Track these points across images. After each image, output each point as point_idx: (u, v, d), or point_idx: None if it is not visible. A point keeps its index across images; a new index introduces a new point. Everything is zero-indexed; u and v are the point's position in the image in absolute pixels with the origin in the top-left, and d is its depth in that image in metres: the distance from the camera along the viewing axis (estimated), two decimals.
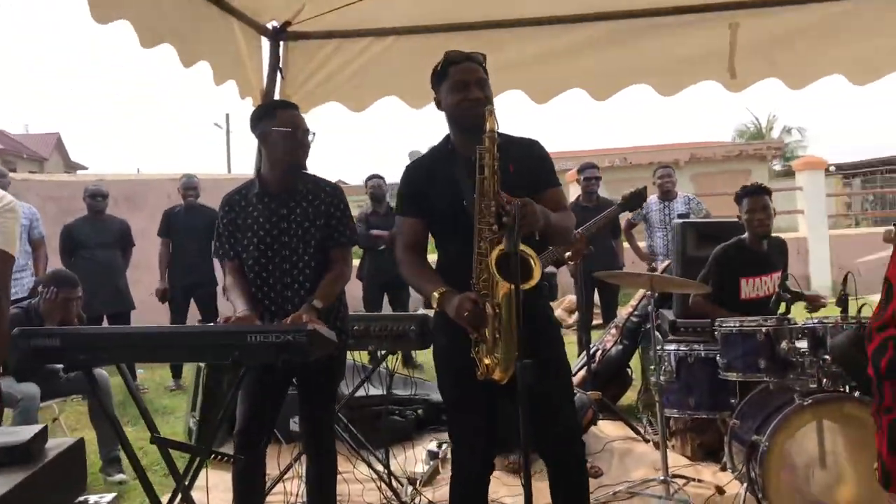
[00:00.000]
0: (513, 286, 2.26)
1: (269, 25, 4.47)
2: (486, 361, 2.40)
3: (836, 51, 4.08)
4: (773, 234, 4.18)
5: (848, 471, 3.02)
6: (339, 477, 3.04)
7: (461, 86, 2.51)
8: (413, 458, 4.19)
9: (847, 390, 3.18)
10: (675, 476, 3.63)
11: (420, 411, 4.86)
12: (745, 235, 4.11)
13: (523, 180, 2.54)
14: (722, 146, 22.45)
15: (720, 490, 3.62)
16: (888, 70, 4.07)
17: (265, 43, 4.50)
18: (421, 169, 2.67)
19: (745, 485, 3.17)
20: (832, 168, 18.06)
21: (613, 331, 5.20)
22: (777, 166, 24.32)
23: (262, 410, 2.86)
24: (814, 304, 3.89)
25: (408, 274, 2.64)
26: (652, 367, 3.70)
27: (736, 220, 4.29)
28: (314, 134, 2.92)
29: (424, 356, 5.82)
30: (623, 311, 5.37)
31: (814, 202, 11.00)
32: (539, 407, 2.39)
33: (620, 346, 5.06)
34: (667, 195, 6.27)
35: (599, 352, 5.06)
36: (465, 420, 2.57)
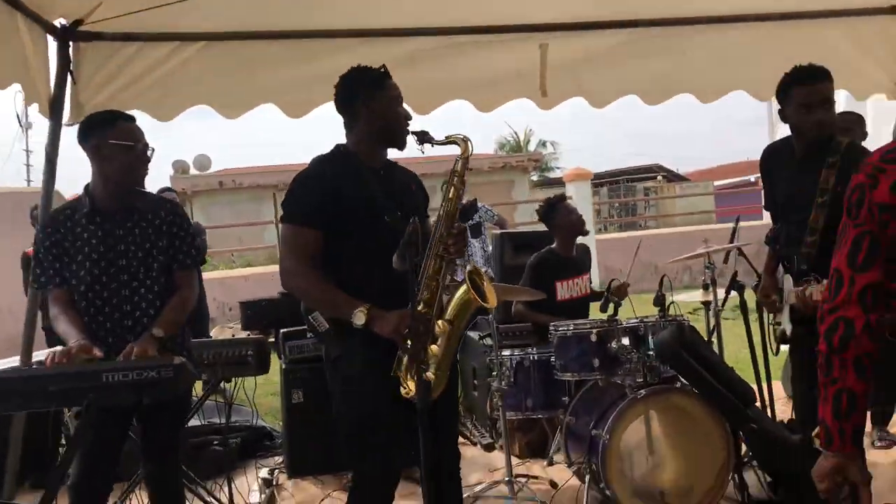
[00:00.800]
0: (477, 302, 2.35)
1: (57, 23, 4.01)
2: (411, 382, 2.35)
3: (634, 73, 4.49)
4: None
5: (672, 456, 3.33)
6: None
7: (399, 102, 2.58)
8: (245, 488, 3.96)
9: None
10: (516, 476, 3.77)
11: (240, 439, 4.62)
12: (555, 244, 4.42)
13: (418, 200, 2.65)
14: (488, 158, 23.74)
15: (553, 484, 3.83)
16: (676, 92, 4.57)
17: (53, 42, 4.03)
18: (326, 177, 2.53)
19: (587, 477, 3.37)
20: None
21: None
22: (534, 177, 26.29)
23: (101, 458, 2.54)
24: (621, 291, 4.23)
25: (313, 289, 2.48)
26: (494, 372, 3.82)
27: (544, 230, 4.60)
28: (153, 149, 2.68)
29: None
30: None
31: (583, 210, 11.97)
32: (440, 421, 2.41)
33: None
34: None
35: None
36: (382, 441, 2.47)
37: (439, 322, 2.34)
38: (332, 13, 4.11)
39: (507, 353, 3.84)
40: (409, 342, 2.29)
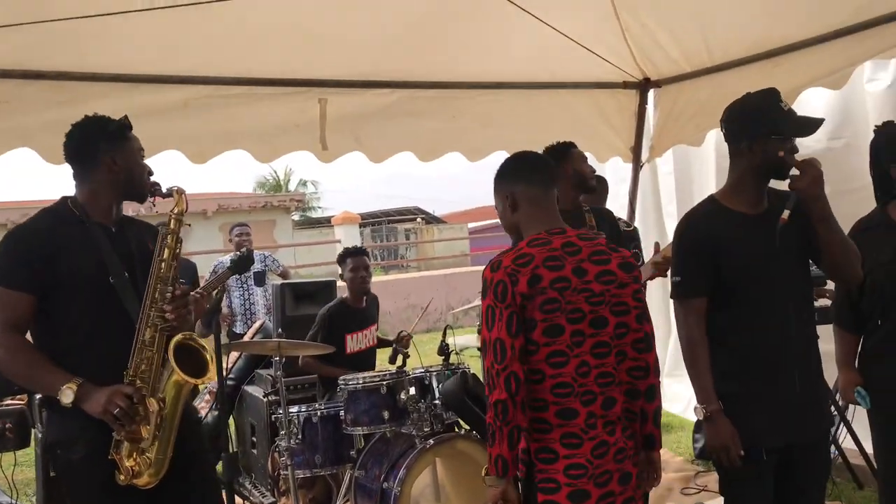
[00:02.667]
0: (189, 382, 2.21)
1: None
2: (129, 464, 2.21)
3: (409, 130, 4.72)
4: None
5: (456, 500, 3.50)
6: None
7: (142, 155, 2.48)
8: None
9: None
10: None
11: None
12: (347, 295, 4.48)
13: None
14: (248, 197, 23.23)
15: None
16: (447, 150, 4.87)
17: None
18: (41, 234, 2.31)
19: None
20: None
21: (207, 396, 5.07)
22: (296, 216, 26.13)
23: None
24: (404, 342, 4.38)
25: (19, 361, 2.24)
26: (282, 431, 3.75)
27: (325, 280, 4.65)
28: None
29: None
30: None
31: None
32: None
33: (216, 412, 4.96)
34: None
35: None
36: None
37: (150, 400, 2.21)
38: (104, 56, 3.86)
39: (294, 409, 3.80)
40: (122, 422, 2.14)
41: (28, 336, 2.30)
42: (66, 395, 2.13)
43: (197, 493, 2.38)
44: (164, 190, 2.42)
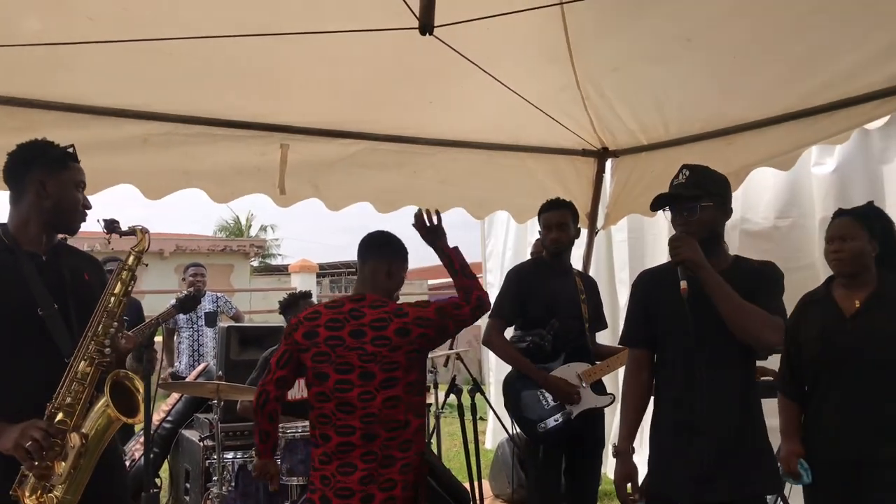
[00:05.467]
0: (121, 419, 2.14)
1: None
2: (32, 501, 2.10)
3: (368, 182, 4.74)
4: None
5: None
6: None
7: (81, 187, 2.39)
8: None
9: None
10: None
11: None
12: None
13: (92, 288, 2.41)
14: (208, 239, 23.01)
15: None
16: (405, 203, 4.89)
17: None
18: None
19: None
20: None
21: (142, 438, 4.90)
22: (255, 262, 25.89)
23: None
24: None
25: None
26: (214, 477, 3.64)
27: (273, 325, 4.59)
28: None
29: None
30: (155, 417, 5.12)
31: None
32: None
33: (151, 456, 4.79)
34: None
35: (128, 462, 4.71)
36: None
37: (72, 435, 2.12)
38: (63, 85, 3.83)
39: (229, 455, 3.70)
40: (34, 456, 2.05)
41: None
42: None
43: None
44: (124, 228, 2.34)
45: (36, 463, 2.05)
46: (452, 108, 4.54)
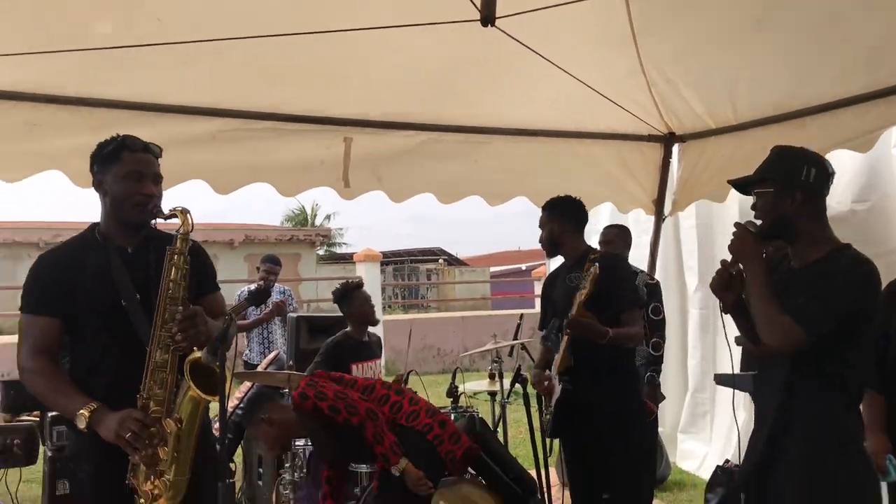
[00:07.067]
0: (203, 399, 2.18)
1: None
2: (147, 487, 2.21)
3: (431, 173, 4.77)
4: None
5: None
6: None
7: (136, 176, 2.37)
8: None
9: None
10: None
11: None
12: (350, 328, 4.49)
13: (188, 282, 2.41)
14: (276, 230, 23.48)
15: None
16: (467, 194, 4.91)
17: None
18: (61, 261, 2.39)
19: None
20: None
21: (216, 425, 5.06)
22: (321, 252, 26.32)
23: None
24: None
25: (42, 386, 2.29)
26: (287, 464, 3.74)
27: (340, 315, 4.67)
28: None
29: None
30: (229, 404, 5.28)
31: (372, 291, 12.18)
32: None
33: (226, 441, 4.94)
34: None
35: None
36: None
37: (167, 421, 2.19)
38: (135, 85, 3.97)
39: (300, 443, 3.79)
40: (136, 446, 2.14)
41: None
42: (80, 421, 2.16)
43: None
44: (165, 211, 2.35)
45: (141, 452, 2.14)
46: (515, 97, 4.52)
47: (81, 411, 2.16)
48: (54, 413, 3.87)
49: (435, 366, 11.40)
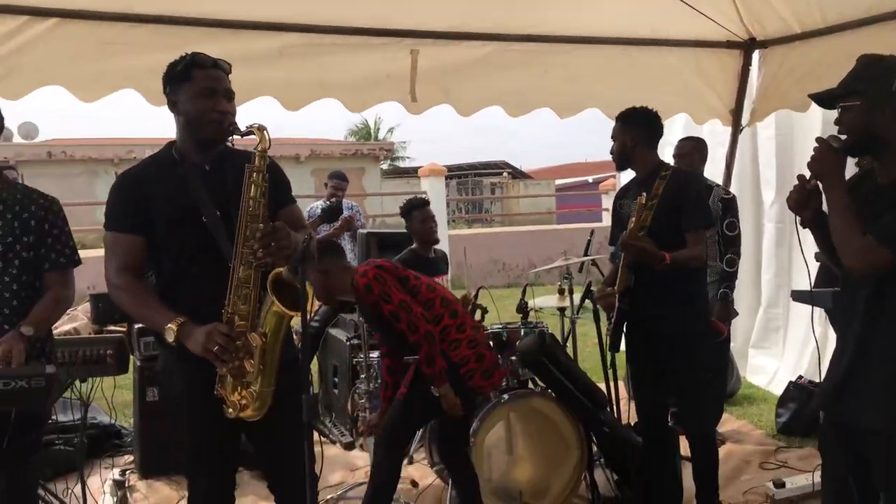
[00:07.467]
0: (287, 314, 2.23)
1: None
2: (235, 398, 2.30)
3: (499, 84, 4.66)
4: None
5: (529, 457, 3.53)
6: None
7: (208, 93, 2.36)
8: (94, 490, 3.77)
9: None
10: None
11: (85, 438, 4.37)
12: (415, 245, 4.52)
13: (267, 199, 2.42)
14: (340, 144, 23.59)
15: (414, 483, 3.94)
16: (536, 105, 4.79)
17: None
18: (141, 179, 2.42)
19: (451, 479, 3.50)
20: None
21: (295, 338, 5.24)
22: (385, 166, 26.40)
23: None
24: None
25: (130, 301, 2.35)
26: (362, 375, 3.86)
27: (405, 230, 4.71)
28: None
29: None
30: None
31: (437, 206, 12.20)
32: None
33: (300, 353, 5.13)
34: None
35: None
36: (207, 461, 2.43)
37: (252, 335, 2.24)
38: (201, 2, 3.97)
39: (374, 354, 3.89)
40: (223, 359, 2.21)
41: None
42: (169, 335, 2.24)
43: (286, 428, 2.37)
44: (242, 129, 2.35)
45: (228, 365, 2.23)
46: (584, 3, 4.34)
47: (169, 325, 2.23)
48: (140, 325, 4.07)
49: (500, 280, 11.46)
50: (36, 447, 2.62)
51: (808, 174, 2.29)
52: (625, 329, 3.34)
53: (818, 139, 2.27)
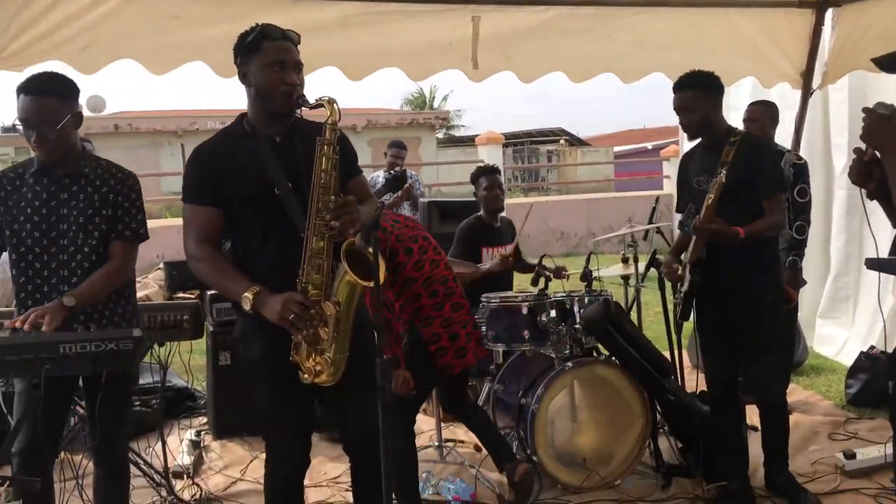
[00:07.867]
0: (360, 283, 2.28)
1: None
2: (310, 364, 2.36)
3: (561, 50, 4.61)
4: None
5: (593, 424, 3.54)
6: None
7: (278, 65, 2.38)
8: (172, 449, 3.93)
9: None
10: (444, 440, 3.92)
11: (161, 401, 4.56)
12: (481, 212, 4.53)
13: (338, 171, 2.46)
14: (396, 114, 23.63)
15: (478, 448, 3.98)
16: (600, 71, 4.73)
17: None
18: (215, 152, 2.47)
19: (515, 443, 3.55)
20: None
21: None
22: (440, 135, 26.35)
23: (48, 425, 2.48)
24: (558, 273, 4.37)
25: (208, 272, 2.42)
26: None
27: (472, 198, 4.71)
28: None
29: None
30: None
31: None
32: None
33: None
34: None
35: None
36: (286, 423, 2.51)
37: (326, 304, 2.28)
38: None
39: None
40: (298, 326, 2.25)
41: None
42: (245, 303, 2.31)
43: (360, 393, 2.39)
44: (311, 101, 2.36)
45: (303, 332, 2.29)
46: None
47: (246, 294, 2.30)
48: (213, 291, 4.20)
49: (558, 249, 11.39)
50: (126, 404, 2.75)
51: (863, 146, 2.23)
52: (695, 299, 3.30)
53: (864, 109, 2.21)
